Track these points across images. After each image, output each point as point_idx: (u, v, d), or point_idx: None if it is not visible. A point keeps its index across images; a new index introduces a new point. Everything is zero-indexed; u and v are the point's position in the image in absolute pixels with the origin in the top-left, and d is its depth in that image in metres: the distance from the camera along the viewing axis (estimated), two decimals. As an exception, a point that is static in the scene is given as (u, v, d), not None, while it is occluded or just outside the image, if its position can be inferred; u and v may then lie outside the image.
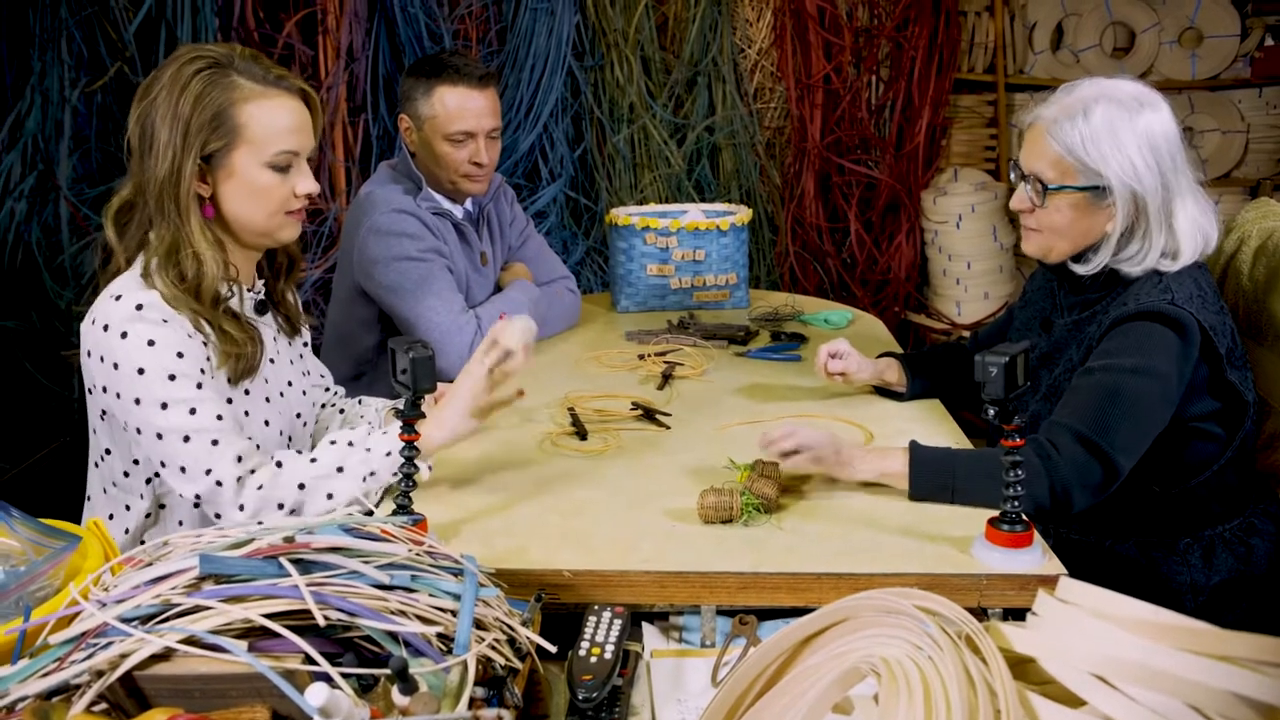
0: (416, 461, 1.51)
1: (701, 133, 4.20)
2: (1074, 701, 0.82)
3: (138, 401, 1.50)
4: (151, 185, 1.53)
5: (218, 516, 1.54)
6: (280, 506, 1.53)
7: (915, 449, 1.59)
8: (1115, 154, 1.62)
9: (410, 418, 1.42)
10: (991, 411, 1.33)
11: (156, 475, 1.62)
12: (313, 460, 1.57)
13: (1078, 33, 4.05)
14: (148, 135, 1.53)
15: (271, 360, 1.69)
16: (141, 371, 1.49)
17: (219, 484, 1.52)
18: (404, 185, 2.34)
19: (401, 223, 2.24)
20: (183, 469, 1.52)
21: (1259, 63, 3.94)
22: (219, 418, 1.53)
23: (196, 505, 1.55)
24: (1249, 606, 1.71)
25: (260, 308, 1.69)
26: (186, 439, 1.51)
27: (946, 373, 2.03)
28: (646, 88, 4.18)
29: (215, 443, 1.52)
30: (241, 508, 1.52)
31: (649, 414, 1.94)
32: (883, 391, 2.03)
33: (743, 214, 2.76)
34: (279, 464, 1.55)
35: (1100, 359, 1.63)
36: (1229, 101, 4.00)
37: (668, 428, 1.91)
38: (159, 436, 1.51)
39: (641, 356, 2.33)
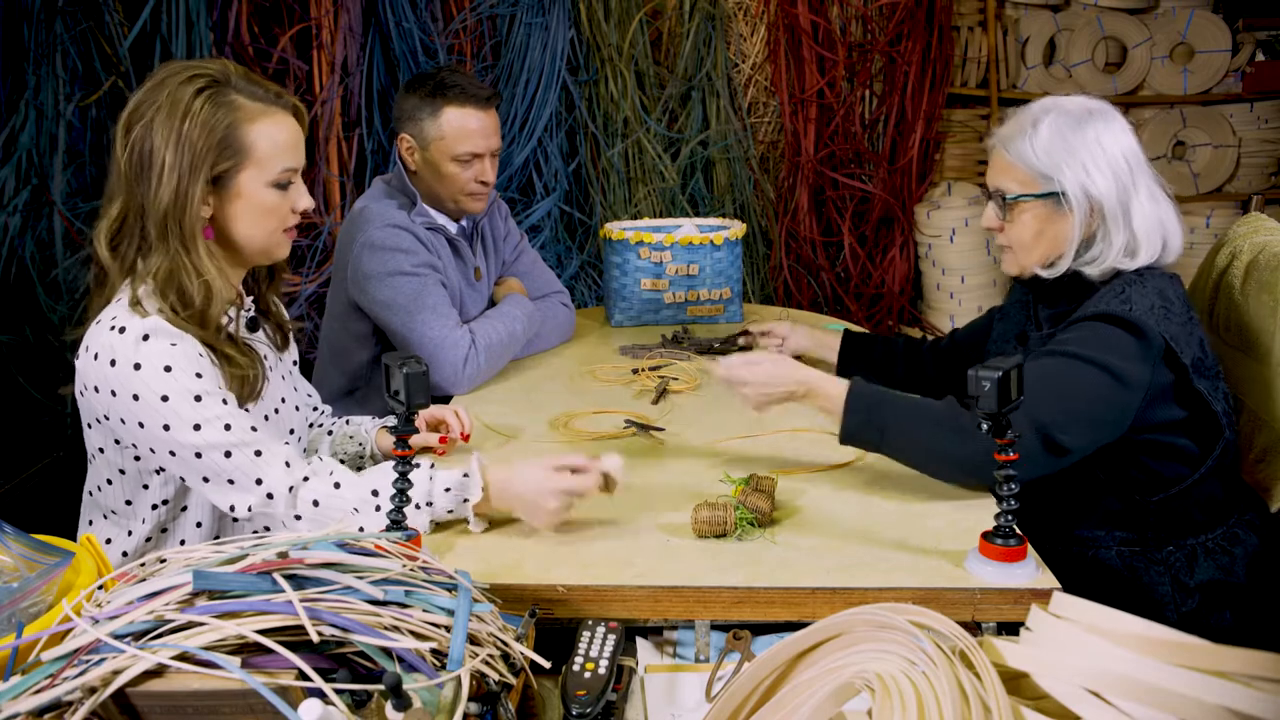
0: (473, 523, 1.53)
1: (695, 147, 4.22)
2: (1068, 716, 0.82)
3: (167, 428, 1.47)
4: (152, 210, 1.49)
5: (267, 529, 1.53)
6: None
7: (854, 384, 1.67)
8: (1068, 160, 1.69)
9: (404, 433, 1.42)
10: (985, 426, 1.34)
11: (165, 503, 1.61)
12: (372, 488, 1.53)
13: (1070, 48, 4.08)
14: (146, 159, 1.48)
15: (266, 378, 1.69)
16: (165, 399, 1.46)
17: (270, 495, 1.50)
18: (398, 200, 2.34)
19: (396, 238, 2.24)
20: (230, 481, 1.50)
21: (1250, 77, 3.97)
22: (253, 429, 1.52)
23: (247, 519, 1.53)
24: (1233, 616, 1.71)
25: (252, 324, 1.68)
26: (228, 454, 1.49)
27: (885, 371, 2.21)
28: (640, 102, 4.19)
29: (259, 453, 1.50)
30: (298, 518, 1.51)
31: (643, 428, 1.94)
32: None
33: (737, 228, 2.77)
34: (337, 484, 1.53)
35: (1047, 345, 1.69)
36: (1221, 116, 4.02)
37: (662, 442, 1.91)
38: (198, 455, 1.48)
39: (636, 371, 2.33)
